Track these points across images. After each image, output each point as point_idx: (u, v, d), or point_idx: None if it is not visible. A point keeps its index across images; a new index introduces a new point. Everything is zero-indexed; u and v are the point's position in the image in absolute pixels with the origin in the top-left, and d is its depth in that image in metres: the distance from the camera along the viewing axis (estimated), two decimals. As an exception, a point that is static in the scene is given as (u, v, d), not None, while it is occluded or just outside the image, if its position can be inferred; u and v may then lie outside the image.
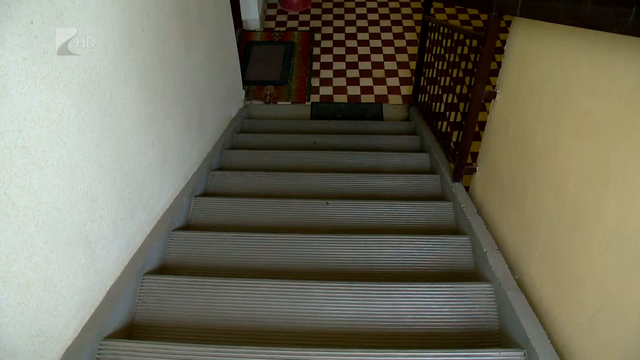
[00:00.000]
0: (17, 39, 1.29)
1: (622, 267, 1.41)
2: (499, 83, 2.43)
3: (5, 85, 1.25)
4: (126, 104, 1.97)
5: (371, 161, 3.54)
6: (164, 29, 2.41)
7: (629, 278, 1.37)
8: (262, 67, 5.25)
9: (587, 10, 1.32)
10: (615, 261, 1.44)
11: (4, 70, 1.25)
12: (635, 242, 1.33)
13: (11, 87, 1.28)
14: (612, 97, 1.44)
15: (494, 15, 2.27)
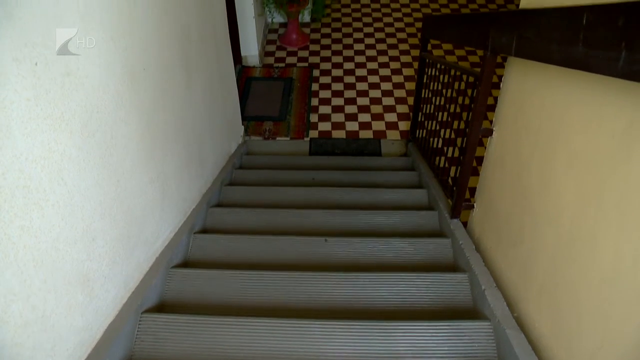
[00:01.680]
0: (21, 81, 1.31)
1: (621, 302, 1.41)
2: (495, 120, 2.46)
3: (8, 126, 1.27)
4: (127, 142, 1.99)
5: (369, 197, 3.55)
6: (165, 67, 2.44)
7: (630, 312, 1.37)
8: (261, 103, 5.30)
9: (579, 53, 1.35)
10: (614, 296, 1.44)
11: (7, 112, 1.27)
12: (634, 276, 1.33)
13: (14, 127, 1.30)
14: (606, 136, 1.46)
15: (489, 55, 2.31)
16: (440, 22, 3.50)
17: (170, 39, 2.50)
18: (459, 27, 2.90)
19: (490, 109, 2.52)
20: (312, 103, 5.32)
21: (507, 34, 1.96)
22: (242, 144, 4.60)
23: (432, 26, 3.72)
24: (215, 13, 3.44)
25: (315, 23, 6.50)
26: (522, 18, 1.84)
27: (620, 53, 1.15)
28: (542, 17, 1.64)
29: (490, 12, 2.21)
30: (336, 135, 4.97)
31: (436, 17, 3.68)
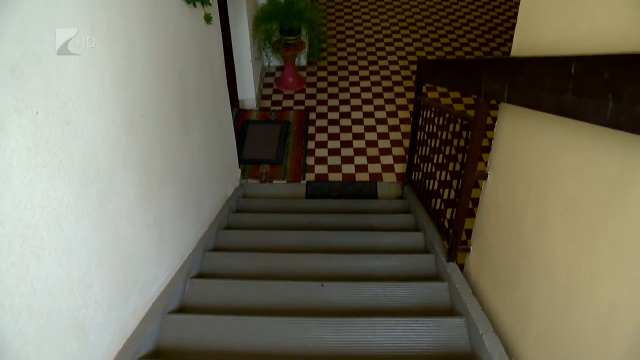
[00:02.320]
0: (22, 131, 1.33)
1: (619, 348, 1.41)
2: (489, 163, 2.48)
3: (8, 175, 1.29)
4: (124, 189, 2.01)
5: (366, 241, 3.56)
6: (163, 112, 2.47)
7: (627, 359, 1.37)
8: (258, 146, 5.35)
9: (569, 102, 1.38)
10: (612, 342, 1.44)
11: (8, 161, 1.28)
12: (630, 322, 1.34)
13: (14, 176, 1.31)
14: (598, 182, 1.48)
15: (482, 101, 2.35)
16: (434, 67, 3.55)
17: (168, 84, 2.54)
18: (453, 73, 2.95)
19: (485, 150, 2.54)
20: (308, 146, 5.36)
21: (499, 80, 2.00)
22: (239, 187, 4.61)
23: (426, 71, 3.78)
24: (212, 58, 3.50)
25: (311, 66, 6.59)
26: (513, 66, 1.88)
27: (607, 103, 1.18)
28: (532, 65, 1.68)
29: (482, 59, 2.26)
30: (333, 178, 4.99)
31: (430, 62, 3.74)
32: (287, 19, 5.68)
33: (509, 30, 7.20)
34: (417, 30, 7.29)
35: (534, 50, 1.90)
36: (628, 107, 1.11)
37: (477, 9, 7.84)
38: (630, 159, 1.30)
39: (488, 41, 7.03)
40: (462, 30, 7.30)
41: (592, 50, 1.44)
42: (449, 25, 7.40)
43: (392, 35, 7.19)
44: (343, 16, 7.72)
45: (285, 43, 5.84)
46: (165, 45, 2.47)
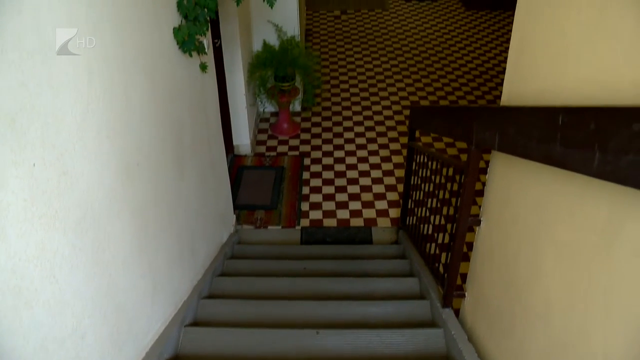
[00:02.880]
0: (18, 183, 1.35)
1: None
2: (482, 209, 2.50)
3: (3, 228, 1.30)
4: (119, 238, 2.01)
5: (361, 287, 3.55)
6: (159, 160, 2.49)
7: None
8: (252, 192, 5.36)
9: (557, 152, 1.41)
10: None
11: (4, 213, 1.29)
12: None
13: (9, 229, 1.32)
14: (588, 229, 1.50)
15: (473, 149, 2.38)
16: (425, 114, 3.61)
17: (164, 133, 2.57)
18: (444, 121, 3.00)
19: (480, 193, 2.57)
20: (303, 191, 5.38)
21: (490, 129, 2.04)
22: (234, 233, 4.61)
23: (418, 117, 3.83)
24: (207, 105, 3.54)
25: (305, 112, 6.66)
26: (502, 115, 1.92)
27: (594, 154, 1.21)
28: (521, 115, 1.72)
29: (473, 108, 2.30)
30: (327, 223, 5.00)
31: (422, 109, 3.80)
32: (282, 65, 5.77)
33: (499, 74, 7.31)
34: (410, 75, 7.40)
35: (522, 99, 1.94)
36: (613, 159, 1.14)
37: (469, 53, 7.97)
38: (618, 207, 1.32)
39: (479, 85, 7.14)
40: (453, 74, 7.41)
41: (579, 101, 1.48)
42: (441, 70, 7.52)
43: (385, 81, 7.30)
44: (337, 62, 7.84)
45: (280, 89, 5.92)
46: (161, 95, 2.51)
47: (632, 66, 1.24)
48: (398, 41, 8.38)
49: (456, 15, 9.26)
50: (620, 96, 1.28)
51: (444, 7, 9.60)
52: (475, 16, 9.22)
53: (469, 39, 8.43)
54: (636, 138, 1.06)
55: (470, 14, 9.33)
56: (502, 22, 8.92)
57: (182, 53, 2.79)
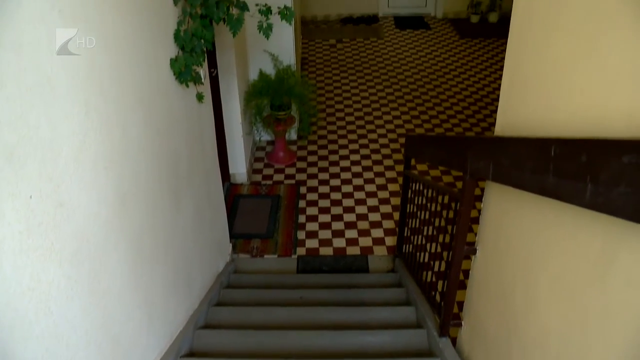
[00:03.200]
0: (15, 215, 1.35)
1: None
2: (478, 239, 2.51)
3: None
4: (115, 269, 2.01)
5: (357, 316, 3.53)
6: (155, 191, 2.50)
7: None
8: (249, 221, 5.36)
9: (550, 183, 1.42)
10: None
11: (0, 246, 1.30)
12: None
13: (5, 261, 1.32)
14: (583, 259, 1.50)
15: (468, 178, 2.40)
16: (420, 143, 3.63)
17: (160, 163, 2.58)
18: (439, 150, 3.02)
19: (475, 220, 2.57)
20: (299, 220, 5.38)
21: (484, 159, 2.05)
22: (230, 262, 4.60)
23: (413, 146, 3.86)
24: (204, 135, 3.56)
25: (302, 141, 6.68)
26: (496, 145, 1.94)
27: (586, 185, 1.22)
28: (514, 146, 1.74)
29: (467, 137, 2.33)
30: (323, 252, 4.99)
31: (417, 138, 3.82)
32: (278, 94, 5.81)
33: (494, 102, 7.37)
34: (405, 103, 7.46)
35: (516, 130, 1.96)
36: (605, 190, 1.15)
37: (463, 81, 8.05)
38: (611, 238, 1.33)
39: (474, 112, 7.19)
40: (448, 102, 7.47)
41: (571, 132, 1.50)
42: (436, 98, 7.58)
43: (381, 109, 7.35)
44: (332, 90, 7.90)
45: (276, 118, 5.95)
46: (158, 126, 2.53)
47: (622, 98, 1.26)
48: (393, 69, 8.47)
49: (450, 44, 9.38)
50: (611, 127, 1.30)
51: (439, 36, 9.72)
52: (469, 44, 9.34)
53: (464, 66, 8.52)
54: (626, 170, 1.08)
55: (465, 41, 9.44)
56: (496, 50, 9.03)
57: (178, 84, 2.81)
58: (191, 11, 2.75)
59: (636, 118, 1.19)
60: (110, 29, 1.95)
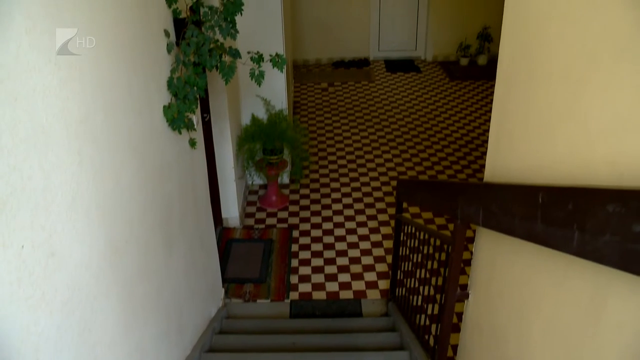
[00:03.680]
0: (6, 266, 1.35)
1: None
2: (470, 283, 2.51)
3: (-11, 312, 1.30)
4: (106, 317, 2.00)
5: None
6: (147, 237, 2.50)
7: None
8: (241, 265, 5.34)
9: (539, 230, 1.44)
10: None
11: (-10, 297, 1.30)
12: None
13: (-5, 312, 1.32)
14: (574, 305, 1.51)
15: (459, 223, 2.41)
16: (412, 187, 3.66)
17: (152, 209, 2.58)
18: (431, 195, 3.04)
19: (468, 262, 2.57)
20: (292, 264, 5.36)
21: (474, 205, 2.07)
22: (222, 308, 4.56)
23: (405, 191, 3.88)
24: (196, 180, 3.57)
25: (294, 184, 6.70)
26: (486, 191, 1.96)
27: (573, 233, 1.24)
28: (503, 192, 1.76)
29: (458, 183, 2.35)
30: (316, 296, 4.97)
31: (409, 183, 3.85)
32: (270, 139, 5.86)
33: (484, 143, 7.43)
34: (397, 146, 7.52)
35: (504, 176, 1.99)
36: (592, 239, 1.17)
37: (454, 123, 8.14)
38: (600, 284, 1.34)
39: (465, 154, 7.26)
40: (439, 144, 7.54)
41: (558, 179, 1.52)
42: (427, 140, 7.65)
43: (373, 152, 7.41)
44: (324, 133, 7.96)
45: (268, 162, 5.98)
46: (150, 172, 2.55)
47: (604, 147, 1.29)
48: (384, 112, 8.57)
49: (440, 86, 9.51)
50: (595, 175, 1.32)
51: (429, 78, 9.86)
52: (459, 86, 9.48)
53: (454, 108, 8.64)
54: (611, 219, 1.10)
55: (455, 84, 9.58)
56: (486, 92, 9.16)
57: (171, 130, 2.84)
58: (184, 59, 2.80)
59: (618, 166, 1.21)
60: (104, 77, 1.99)
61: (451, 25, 10.29)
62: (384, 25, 10.59)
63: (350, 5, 10.34)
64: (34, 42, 1.47)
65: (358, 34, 10.62)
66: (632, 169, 1.16)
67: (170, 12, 2.86)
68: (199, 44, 2.76)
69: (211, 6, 2.94)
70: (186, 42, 2.75)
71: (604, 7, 1.33)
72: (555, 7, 1.61)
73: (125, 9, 2.25)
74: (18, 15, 1.40)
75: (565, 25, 1.54)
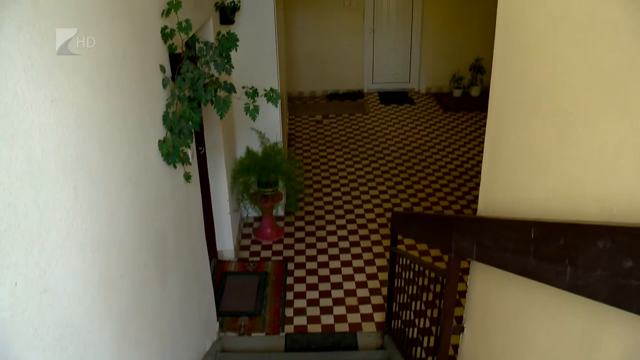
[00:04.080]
0: None
1: None
2: (465, 317, 2.51)
3: (-19, 350, 1.29)
4: (100, 352, 1.99)
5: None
6: (142, 271, 2.50)
7: None
8: (236, 298, 5.31)
9: (531, 265, 1.45)
10: None
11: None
12: None
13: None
14: (568, 340, 1.51)
15: (453, 257, 2.42)
16: (406, 221, 3.67)
17: (147, 243, 2.58)
18: (425, 229, 3.05)
19: (463, 294, 2.57)
20: (287, 297, 5.34)
21: (468, 239, 2.08)
22: (217, 341, 4.53)
23: (399, 223, 3.89)
24: (191, 214, 3.58)
25: (289, 217, 6.70)
26: (479, 226, 1.97)
27: (565, 268, 1.25)
28: (496, 226, 1.77)
29: (451, 217, 2.36)
30: (312, 329, 4.93)
31: (403, 216, 3.86)
32: (265, 171, 5.88)
33: (478, 174, 7.45)
34: (391, 178, 7.54)
35: (497, 209, 2.00)
36: (583, 274, 1.18)
37: (448, 154, 8.19)
38: (592, 320, 1.34)
39: (460, 185, 7.29)
40: (434, 175, 7.57)
41: (549, 214, 1.54)
42: (422, 172, 7.68)
43: (367, 183, 7.43)
44: (319, 165, 7.99)
45: (263, 195, 5.99)
46: (145, 207, 2.55)
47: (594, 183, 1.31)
48: (378, 144, 8.61)
49: (434, 117, 9.60)
50: (585, 211, 1.34)
51: (423, 110, 9.95)
52: (452, 117, 9.56)
53: (447, 140, 8.70)
54: (602, 254, 1.11)
55: (448, 115, 9.68)
56: (479, 123, 9.24)
57: (166, 165, 2.85)
58: (179, 94, 2.82)
59: (608, 203, 1.23)
60: (100, 113, 2.00)
61: (444, 57, 10.43)
62: (377, 57, 10.73)
63: (344, 38, 10.48)
64: (31, 80, 1.49)
65: (352, 67, 10.75)
66: (623, 205, 1.18)
67: (166, 47, 2.90)
68: (194, 79, 2.79)
69: (206, 42, 2.98)
70: (182, 77, 2.78)
71: (591, 44, 1.36)
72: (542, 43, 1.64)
73: (122, 45, 2.28)
74: (16, 54, 1.42)
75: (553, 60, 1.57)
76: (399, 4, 10.43)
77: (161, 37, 2.81)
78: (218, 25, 5.06)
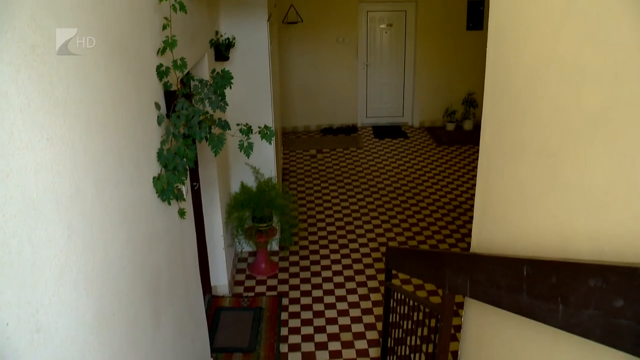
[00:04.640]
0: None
1: None
2: (460, 352, 2.50)
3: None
4: (91, 394, 1.97)
5: None
6: (135, 309, 2.48)
7: None
8: (230, 334, 5.26)
9: (525, 302, 1.45)
10: None
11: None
12: None
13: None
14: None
15: (447, 293, 2.42)
16: (400, 256, 3.67)
17: (141, 280, 2.57)
18: (419, 264, 3.05)
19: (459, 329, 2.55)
20: (282, 332, 5.29)
21: (461, 276, 2.09)
22: (211, 379, 4.49)
23: (394, 259, 3.89)
24: (185, 250, 3.57)
25: (283, 251, 6.69)
26: (472, 262, 1.98)
27: (558, 306, 1.25)
28: (489, 263, 1.78)
29: (445, 253, 2.37)
30: (307, 366, 4.90)
31: (397, 251, 3.86)
32: (259, 206, 5.88)
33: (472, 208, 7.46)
34: (386, 212, 7.55)
35: (490, 246, 2.01)
36: (576, 312, 1.18)
37: (442, 188, 8.23)
38: (588, 358, 1.35)
39: (454, 219, 7.30)
40: (428, 209, 7.59)
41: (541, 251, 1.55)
42: (416, 206, 7.70)
43: (361, 218, 7.43)
44: (313, 200, 8.00)
45: (257, 230, 5.99)
46: (139, 243, 2.55)
47: (585, 222, 1.32)
48: (372, 178, 8.65)
49: (428, 151, 9.66)
50: (577, 249, 1.35)
51: (416, 144, 10.02)
52: (446, 151, 9.63)
53: (441, 173, 8.75)
54: (594, 293, 1.12)
55: (441, 149, 9.75)
56: (472, 157, 9.30)
57: (161, 201, 2.86)
58: (174, 131, 2.84)
59: (599, 242, 1.24)
60: (95, 151, 2.02)
61: (437, 91, 10.56)
62: (371, 92, 10.84)
63: (338, 73, 10.61)
64: (27, 120, 1.51)
65: (346, 101, 10.85)
66: (613, 244, 1.19)
67: (162, 85, 2.93)
68: (189, 117, 2.81)
69: (201, 79, 3.02)
70: (176, 115, 2.80)
71: (575, 83, 1.39)
72: (529, 85, 1.67)
73: (118, 84, 2.31)
74: (13, 94, 1.44)
75: (541, 101, 1.59)
76: (392, 39, 10.59)
77: (156, 75, 2.85)
78: (213, 62, 5.12)
